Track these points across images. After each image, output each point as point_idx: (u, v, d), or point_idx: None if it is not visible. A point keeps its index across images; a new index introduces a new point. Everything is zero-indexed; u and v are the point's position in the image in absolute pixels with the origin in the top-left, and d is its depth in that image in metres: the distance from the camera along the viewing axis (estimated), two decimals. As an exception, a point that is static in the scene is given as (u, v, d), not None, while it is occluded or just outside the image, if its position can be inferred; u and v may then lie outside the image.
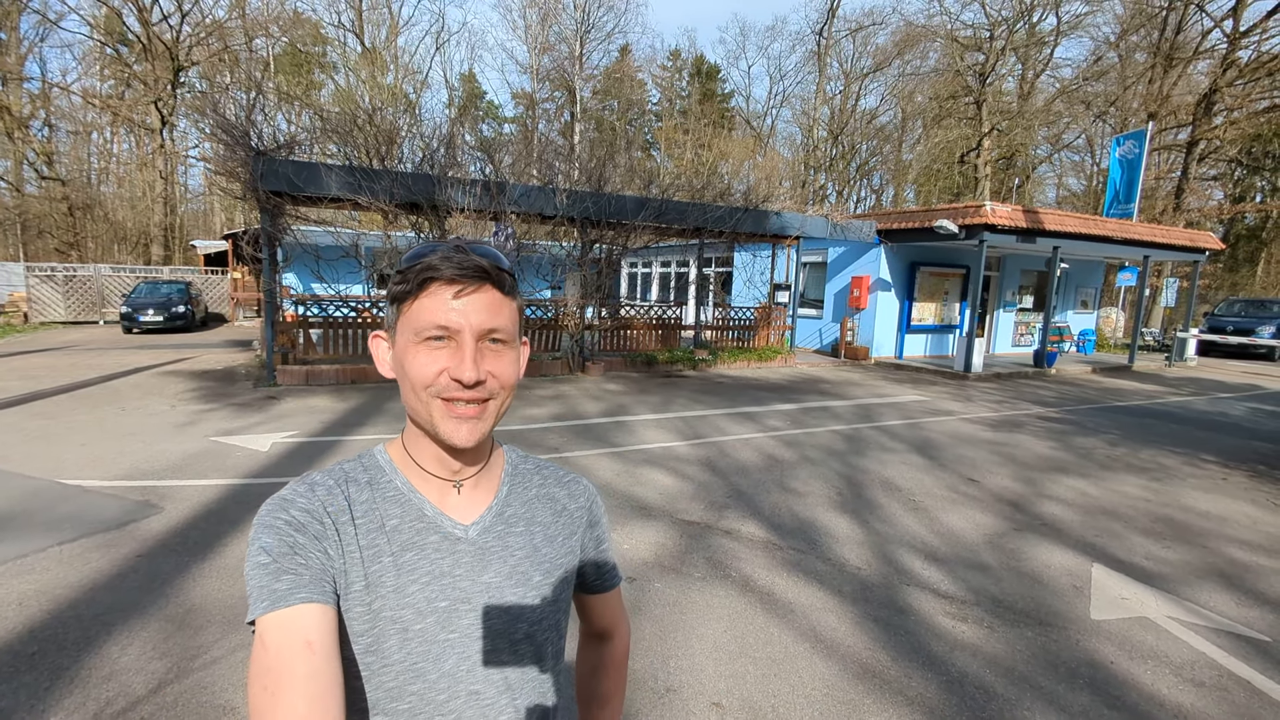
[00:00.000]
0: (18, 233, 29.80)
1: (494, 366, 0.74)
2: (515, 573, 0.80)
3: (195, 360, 11.25)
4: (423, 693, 0.74)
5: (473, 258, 0.72)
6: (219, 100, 9.45)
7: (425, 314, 0.72)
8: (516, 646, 0.79)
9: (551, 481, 0.89)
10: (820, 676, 2.77)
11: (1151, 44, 27.91)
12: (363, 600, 0.73)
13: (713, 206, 11.75)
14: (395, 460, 0.81)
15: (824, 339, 15.81)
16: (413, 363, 0.73)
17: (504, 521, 0.82)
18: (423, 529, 0.77)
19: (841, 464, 6.04)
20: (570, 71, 35.77)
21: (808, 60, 40.15)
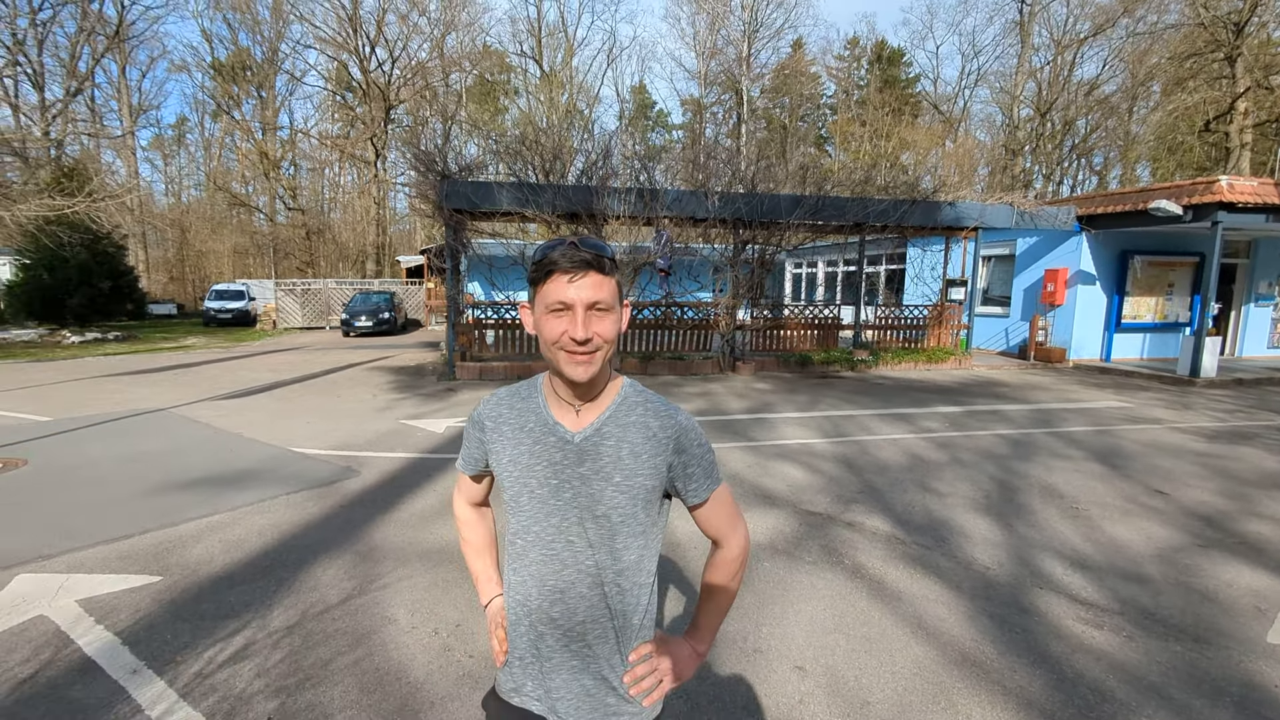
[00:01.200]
0: (271, 254, 36.76)
1: (598, 328, 1.10)
2: (601, 471, 1.17)
3: (394, 358, 13.36)
4: (540, 534, 1.20)
5: (581, 253, 1.08)
6: (418, 134, 11.19)
7: (551, 294, 1.09)
8: (596, 519, 1.17)
9: (650, 413, 1.22)
10: (913, 658, 2.85)
11: None
12: (508, 469, 1.21)
13: (874, 200, 11.42)
14: (544, 386, 1.26)
15: (1010, 339, 14.48)
16: (544, 326, 1.12)
17: (600, 435, 1.19)
18: (546, 432, 1.20)
19: (998, 468, 5.72)
20: (738, 73, 36.11)
21: (1008, 32, 36.71)
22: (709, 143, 29.31)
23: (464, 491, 1.44)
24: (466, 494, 1.44)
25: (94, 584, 3.46)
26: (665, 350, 11.40)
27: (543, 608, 1.21)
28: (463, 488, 1.44)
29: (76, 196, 17.89)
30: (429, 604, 3.27)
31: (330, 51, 33.46)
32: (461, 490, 1.44)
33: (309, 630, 3.01)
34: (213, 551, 3.89)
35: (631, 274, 10.76)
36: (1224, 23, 27.26)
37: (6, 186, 20.76)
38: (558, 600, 1.20)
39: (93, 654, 2.80)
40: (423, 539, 4.09)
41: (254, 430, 6.94)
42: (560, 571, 1.19)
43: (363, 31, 32.27)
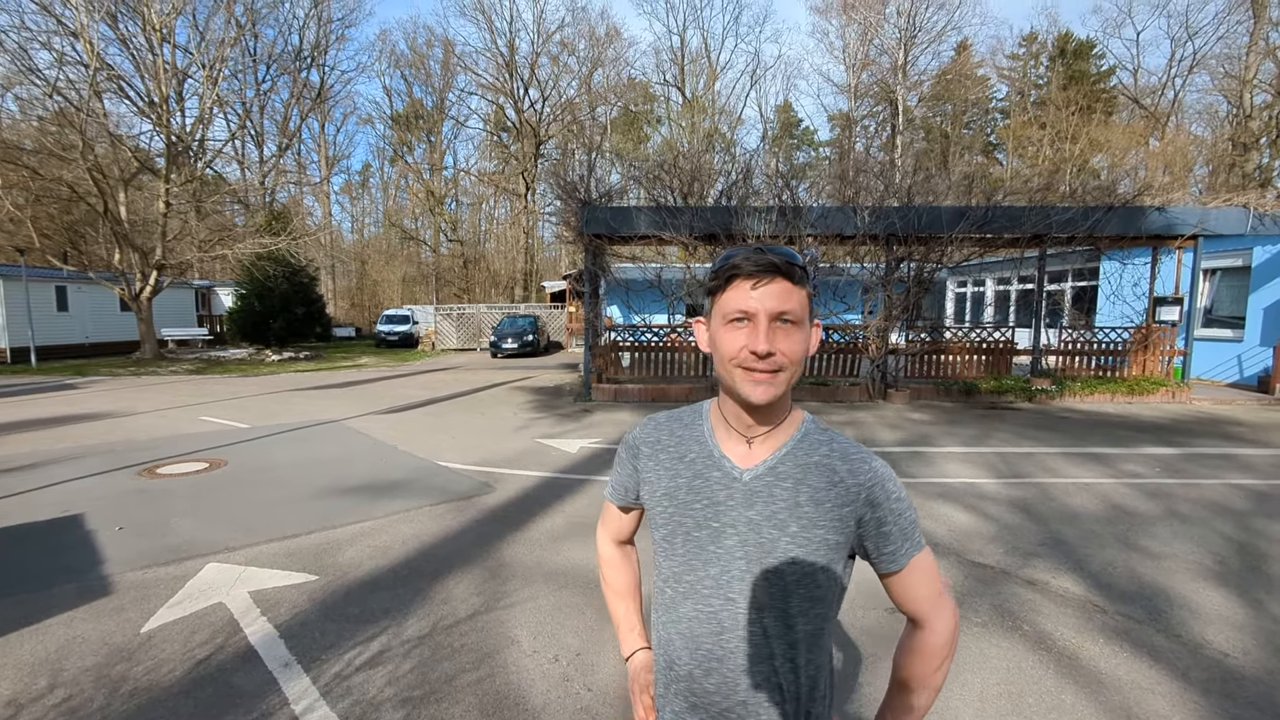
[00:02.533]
0: (433, 282, 40.46)
1: (783, 344, 0.96)
2: (774, 517, 1.01)
3: (535, 379, 14.04)
4: (694, 583, 1.05)
5: (767, 256, 0.96)
6: (564, 165, 11.81)
7: (731, 302, 0.98)
8: (767, 575, 1.01)
9: (836, 456, 1.04)
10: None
11: None
12: (662, 503, 1.09)
13: (1057, 208, 10.25)
14: (711, 412, 1.13)
15: (1244, 369, 12.28)
16: (721, 339, 1.00)
17: (774, 475, 1.03)
18: (710, 465, 1.06)
19: (1235, 526, 4.75)
20: (893, 82, 34.62)
21: (1235, 7, 31.93)
22: (859, 156, 28.23)
23: (610, 525, 1.31)
24: (612, 529, 1.31)
25: (264, 578, 3.83)
26: (809, 375, 10.90)
27: (694, 675, 1.05)
28: (609, 520, 1.31)
29: (281, 236, 21.04)
30: (551, 628, 3.24)
31: (490, 96, 36.64)
32: (607, 523, 1.31)
33: (438, 643, 3.08)
34: (362, 556, 4.16)
35: None
36: None
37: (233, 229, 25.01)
38: (713, 669, 1.03)
39: (255, 643, 3.09)
40: (550, 560, 4.10)
41: (407, 443, 7.49)
42: (718, 635, 1.03)
43: (518, 75, 34.99)
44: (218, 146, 26.17)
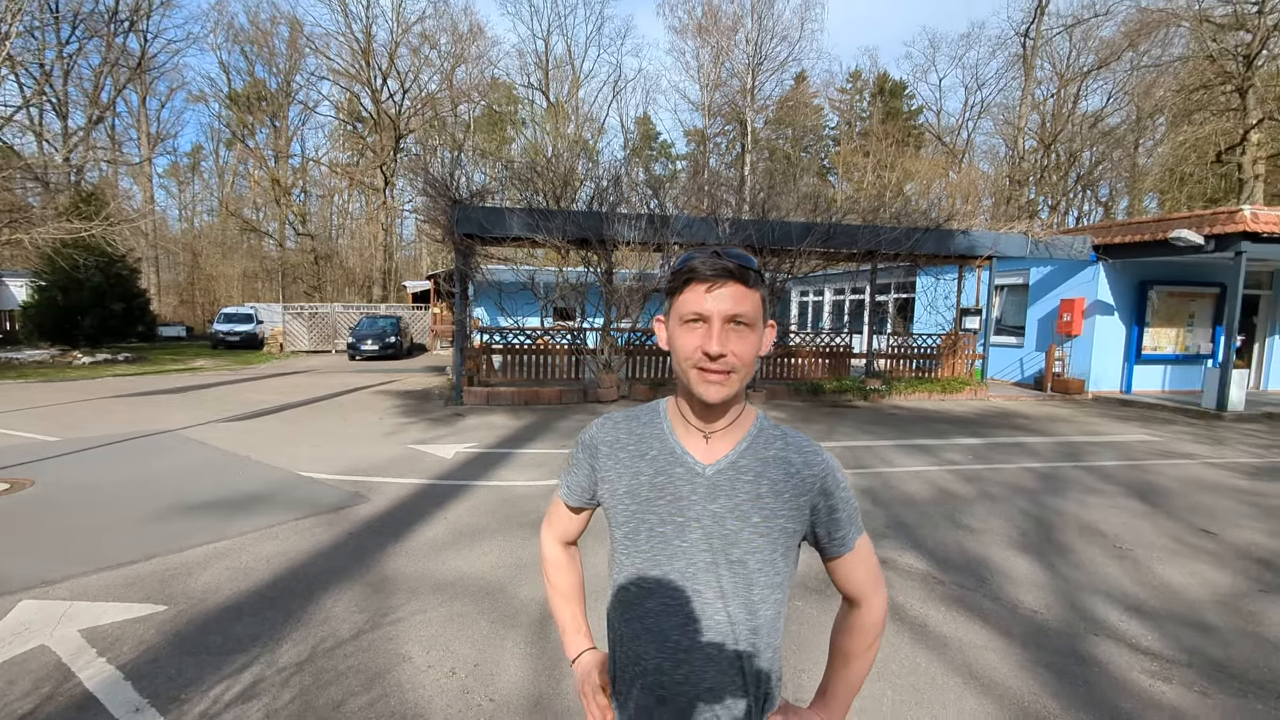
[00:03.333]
0: (279, 279, 37.01)
1: (736, 346, 0.98)
2: (737, 509, 1.03)
3: (401, 382, 13.22)
4: (660, 579, 1.05)
5: (722, 261, 0.97)
6: (429, 161, 11.22)
7: (687, 304, 0.99)
8: (732, 566, 1.03)
9: (791, 449, 1.08)
10: (968, 712, 2.64)
11: None
12: (624, 501, 1.08)
13: (886, 228, 11.37)
14: (668, 411, 1.13)
15: (1025, 370, 14.30)
16: (677, 340, 1.01)
17: (735, 469, 1.05)
18: (672, 462, 1.06)
19: (1030, 503, 5.52)
20: (742, 104, 36.58)
21: (1011, 65, 37.10)
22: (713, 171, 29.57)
23: (557, 526, 1.27)
24: (560, 529, 1.27)
25: (97, 612, 3.30)
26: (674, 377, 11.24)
27: (663, 668, 1.04)
28: (557, 521, 1.27)
29: (93, 221, 18.13)
30: (445, 641, 3.08)
31: (343, 83, 34.12)
32: (554, 525, 1.27)
33: (320, 667, 2.82)
34: (220, 579, 3.71)
35: (641, 300, 10.66)
36: (1233, 55, 27.56)
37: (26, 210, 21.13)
38: (682, 660, 1.04)
39: (94, 689, 2.64)
40: (435, 570, 3.90)
41: (262, 453, 6.78)
42: (685, 626, 1.04)
43: (375, 64, 32.90)
44: (6, 113, 22.13)
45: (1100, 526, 4.95)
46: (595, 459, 1.13)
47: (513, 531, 4.58)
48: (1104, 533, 4.81)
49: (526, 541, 4.39)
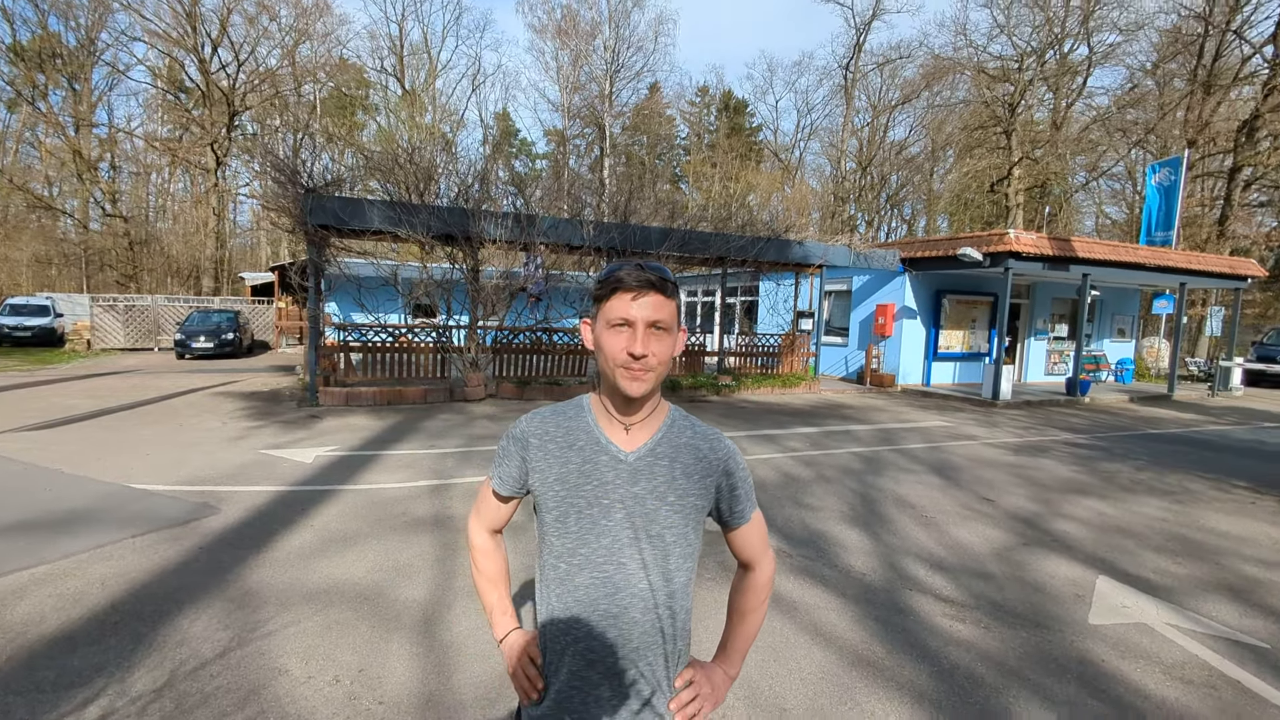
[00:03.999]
0: (83, 266, 31.73)
1: (656, 347, 1.11)
2: (655, 490, 1.16)
3: (243, 383, 11.94)
4: (588, 555, 1.16)
5: (645, 274, 1.10)
6: (271, 142, 10.24)
7: (614, 310, 1.11)
8: (651, 540, 1.15)
9: (699, 437, 1.23)
10: (817, 663, 3.00)
11: (1189, 71, 27.75)
12: (554, 488, 1.17)
13: (735, 236, 12.13)
14: (593, 405, 1.23)
15: (849, 366, 15.91)
16: (605, 342, 1.12)
17: (654, 455, 1.18)
18: (598, 451, 1.17)
19: (857, 482, 6.22)
20: (600, 109, 36.97)
21: (835, 94, 40.77)
22: (574, 173, 29.69)
23: (486, 516, 1.33)
24: (489, 518, 1.33)
25: (-126, 663, 2.75)
26: (541, 375, 11.23)
27: (593, 634, 1.15)
28: (486, 511, 1.33)
29: None
30: (325, 650, 2.94)
31: (162, 47, 29.90)
32: (483, 515, 1.34)
33: (183, 691, 2.59)
34: (44, 608, 3.24)
35: (508, 298, 10.52)
36: (1001, 102, 32.31)
37: None
38: (611, 626, 1.15)
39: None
40: (307, 579, 3.68)
41: (79, 465, 5.89)
42: (613, 595, 1.15)
43: (203, 29, 29.20)
44: None
45: (910, 499, 5.71)
46: (526, 450, 1.20)
47: (387, 535, 4.41)
48: (913, 504, 5.56)
49: (403, 544, 4.25)
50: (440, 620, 3.27)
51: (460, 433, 7.91)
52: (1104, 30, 30.00)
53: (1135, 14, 29.72)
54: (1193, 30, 27.39)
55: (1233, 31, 26.19)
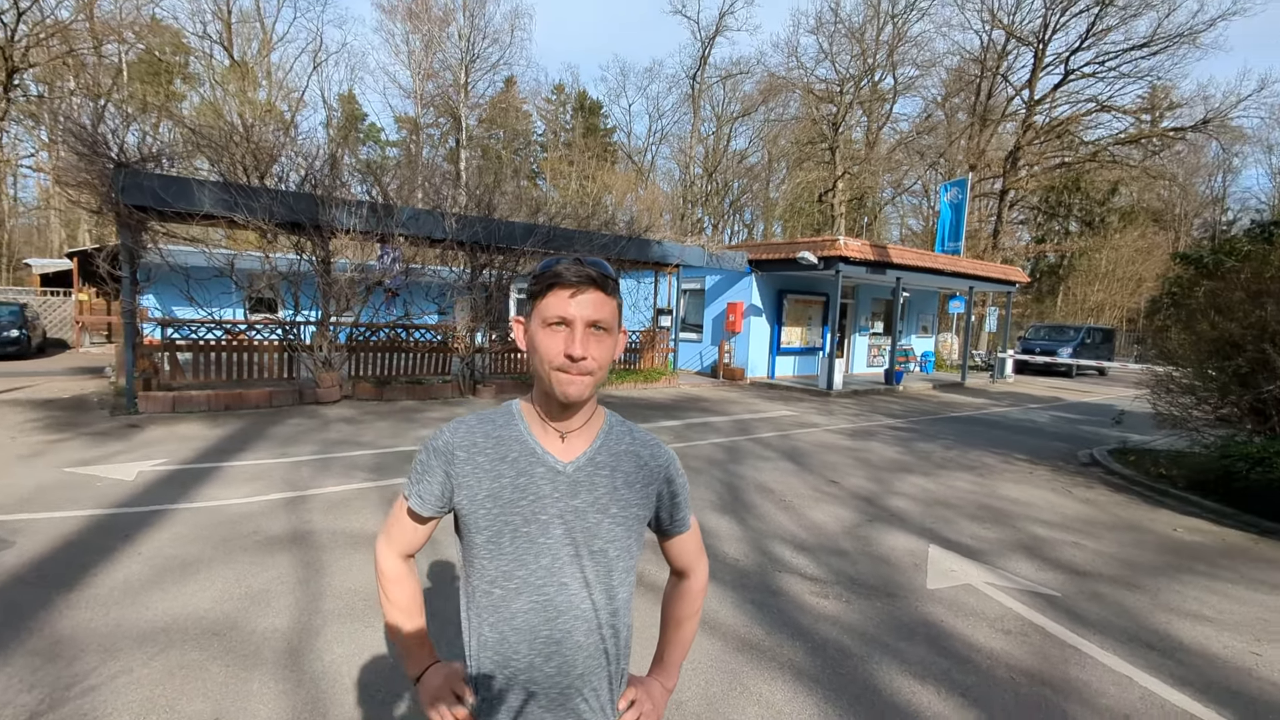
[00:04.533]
0: None
1: (595, 350, 1.01)
2: (597, 502, 1.07)
3: (36, 389, 9.86)
4: (525, 577, 1.04)
5: (585, 269, 1.00)
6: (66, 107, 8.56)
7: (551, 308, 1.00)
8: (594, 555, 1.06)
9: (639, 443, 1.15)
10: (705, 651, 3.05)
11: (970, 106, 32.12)
12: (485, 505, 1.05)
13: (598, 234, 12.13)
14: (525, 411, 1.12)
15: (704, 361, 16.61)
16: (540, 342, 1.02)
17: (593, 465, 1.08)
18: (533, 462, 1.06)
19: (722, 471, 6.47)
20: (456, 99, 35.31)
21: (683, 102, 42.27)
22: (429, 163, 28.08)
23: (399, 539, 1.16)
24: (403, 542, 1.16)
25: None
26: (402, 374, 10.48)
27: (535, 664, 1.04)
28: (399, 534, 1.16)
29: None
30: (168, 699, 2.50)
31: (-96, -20, 23.92)
32: (395, 537, 1.16)
33: (-23, 779, 2.07)
34: None
35: (364, 293, 9.68)
36: (827, 121, 35.35)
37: None
38: (554, 653, 1.04)
39: None
40: (138, 617, 3.11)
41: None
42: (554, 620, 1.05)
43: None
44: None
45: (770, 485, 6.04)
46: (451, 464, 1.07)
47: (237, 557, 3.86)
48: (772, 490, 5.89)
49: (257, 566, 3.74)
50: (308, 649, 2.91)
51: (314, 438, 7.16)
52: (906, 65, 33.88)
53: (930, 53, 33.94)
54: (971, 71, 31.75)
55: (1000, 75, 30.73)
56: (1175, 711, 2.70)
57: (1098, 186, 36.04)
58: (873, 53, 33.59)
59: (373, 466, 6.04)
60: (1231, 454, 5.75)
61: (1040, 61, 29.58)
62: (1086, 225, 37.72)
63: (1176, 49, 27.37)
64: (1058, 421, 11.28)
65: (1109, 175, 33.98)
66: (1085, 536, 4.99)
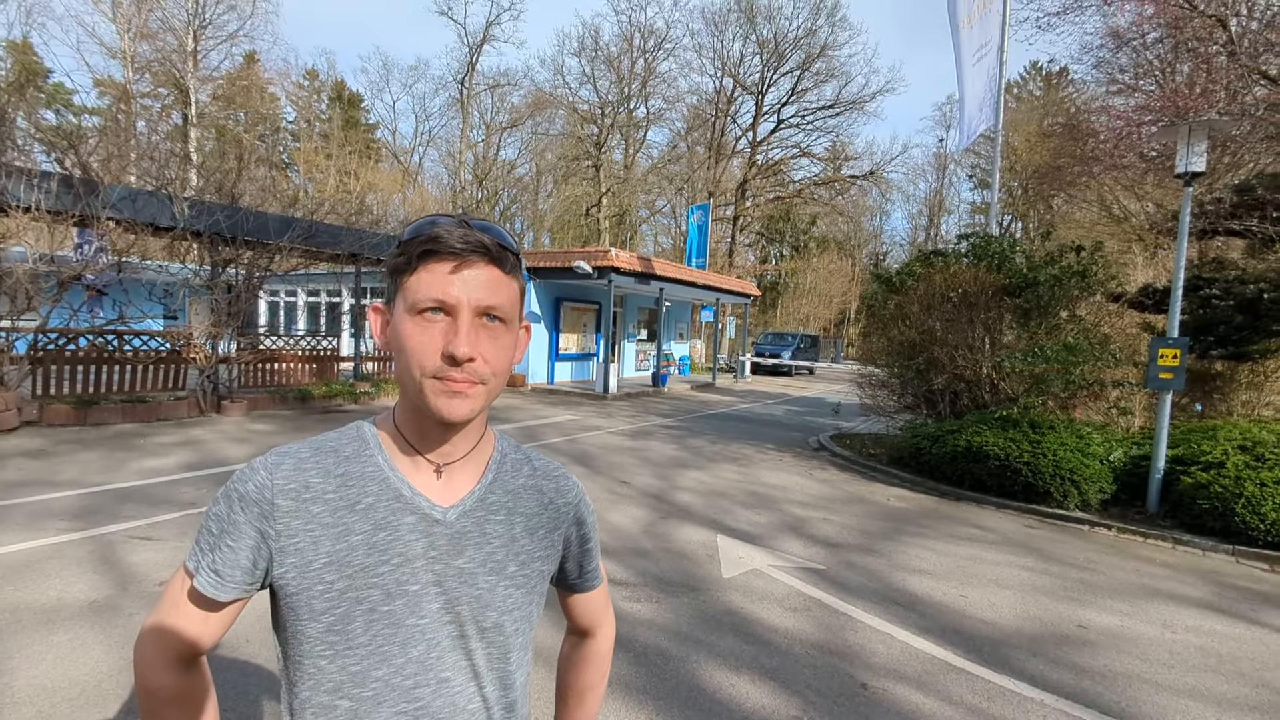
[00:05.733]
0: None
1: (487, 348, 0.69)
2: (490, 560, 0.76)
3: None
4: (388, 678, 0.71)
5: (474, 233, 0.68)
6: None
7: (423, 288, 0.68)
8: (486, 634, 0.75)
9: (540, 475, 0.85)
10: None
11: (707, 141, 35.94)
12: (323, 578, 0.69)
13: (369, 233, 10.87)
14: (382, 437, 0.76)
15: (490, 367, 15.91)
16: (409, 337, 0.68)
17: (484, 508, 0.77)
18: (399, 509, 0.72)
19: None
20: (182, 69, 29.03)
21: (452, 106, 40.39)
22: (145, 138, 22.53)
23: (178, 637, 0.72)
24: (185, 640, 0.72)
25: None
26: (116, 391, 8.07)
27: None
28: (178, 629, 0.71)
29: None
30: None
31: None
32: (171, 635, 0.72)
33: None
34: None
35: (55, 291, 7.26)
36: (591, 140, 36.65)
37: None
38: None
39: None
40: None
41: None
42: None
43: None
44: None
45: (568, 492, 5.90)
46: (270, 520, 0.69)
47: None
48: (572, 496, 5.76)
49: None
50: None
51: (-33, 483, 5.15)
52: (655, 97, 36.71)
53: (675, 89, 37.26)
54: (707, 111, 35.64)
55: (730, 117, 35.00)
56: (926, 657, 3.18)
57: (802, 218, 43.06)
58: (628, 82, 35.72)
59: (77, 512, 4.52)
60: (918, 435, 7.15)
61: (760, 109, 34.40)
62: (795, 249, 44.82)
63: (851, 113, 34.10)
64: (790, 414, 13.06)
65: (809, 209, 40.86)
66: (830, 512, 5.75)
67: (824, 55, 32.74)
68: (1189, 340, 6.07)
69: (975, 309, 7.38)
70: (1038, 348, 6.77)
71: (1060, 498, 5.84)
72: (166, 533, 4.21)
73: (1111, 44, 9.84)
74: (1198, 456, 5.47)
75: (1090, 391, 7.07)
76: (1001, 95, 9.74)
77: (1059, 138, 17.81)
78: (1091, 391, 7.08)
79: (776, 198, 37.45)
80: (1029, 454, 5.92)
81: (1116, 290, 7.97)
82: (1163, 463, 5.71)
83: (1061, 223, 17.63)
